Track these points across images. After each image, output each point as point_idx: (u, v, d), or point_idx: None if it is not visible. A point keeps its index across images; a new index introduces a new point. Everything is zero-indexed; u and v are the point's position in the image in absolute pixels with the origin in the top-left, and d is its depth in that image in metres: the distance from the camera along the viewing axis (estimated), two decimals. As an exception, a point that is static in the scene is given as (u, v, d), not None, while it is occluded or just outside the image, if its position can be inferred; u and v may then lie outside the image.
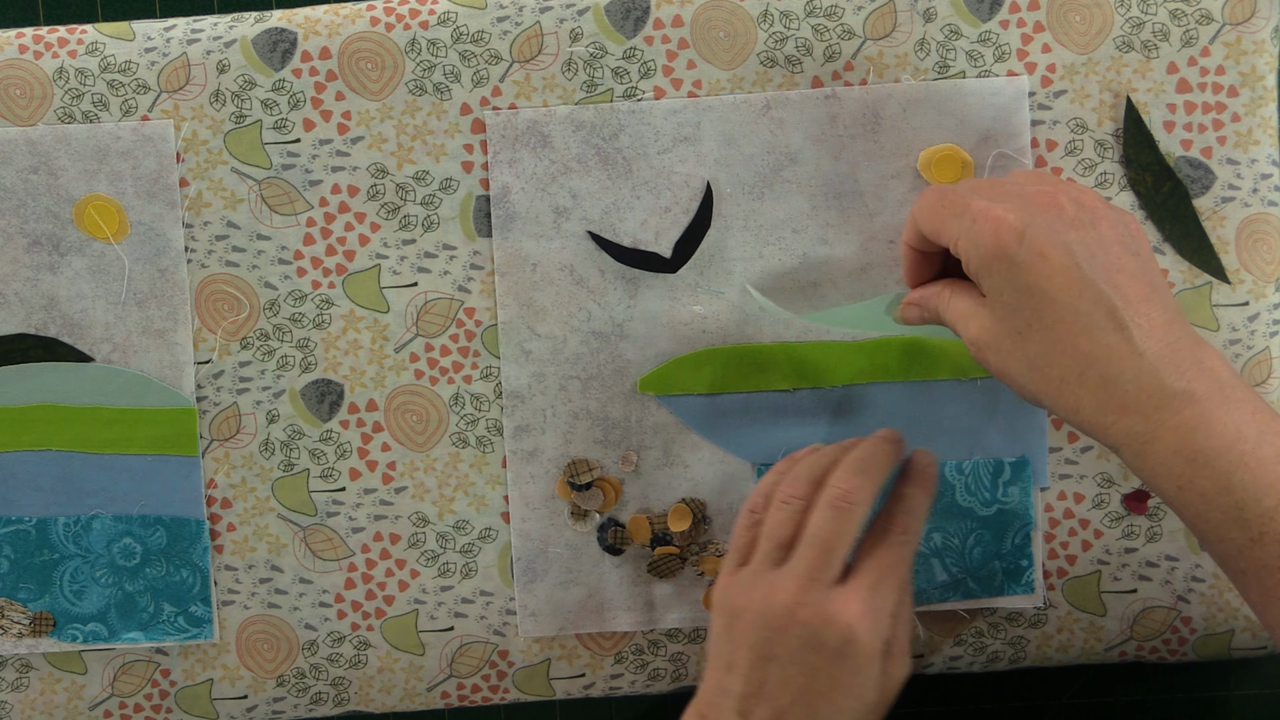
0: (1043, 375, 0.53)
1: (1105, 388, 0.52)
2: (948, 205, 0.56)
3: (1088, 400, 0.53)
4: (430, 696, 0.65)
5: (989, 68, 0.62)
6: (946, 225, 0.55)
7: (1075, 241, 0.53)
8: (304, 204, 0.63)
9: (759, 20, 0.62)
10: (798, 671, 0.56)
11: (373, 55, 0.63)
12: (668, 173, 0.63)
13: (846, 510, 0.56)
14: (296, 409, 0.64)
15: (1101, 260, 0.53)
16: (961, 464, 0.64)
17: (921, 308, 0.59)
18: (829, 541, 0.56)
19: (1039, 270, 0.53)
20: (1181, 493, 0.52)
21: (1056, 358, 0.53)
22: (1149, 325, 0.52)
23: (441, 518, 0.64)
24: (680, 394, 0.63)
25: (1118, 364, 0.52)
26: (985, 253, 0.53)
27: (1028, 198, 0.54)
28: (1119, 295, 0.52)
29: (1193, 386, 0.52)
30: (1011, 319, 0.54)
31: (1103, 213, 0.54)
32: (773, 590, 0.56)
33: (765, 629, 0.56)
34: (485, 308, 0.64)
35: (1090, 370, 0.52)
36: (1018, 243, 0.53)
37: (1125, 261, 0.53)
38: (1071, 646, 0.64)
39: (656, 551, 0.64)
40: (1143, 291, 0.53)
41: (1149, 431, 0.52)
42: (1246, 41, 0.62)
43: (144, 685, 0.65)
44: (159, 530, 0.64)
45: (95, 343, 0.63)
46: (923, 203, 0.57)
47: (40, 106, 0.63)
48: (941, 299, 0.58)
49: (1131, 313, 0.52)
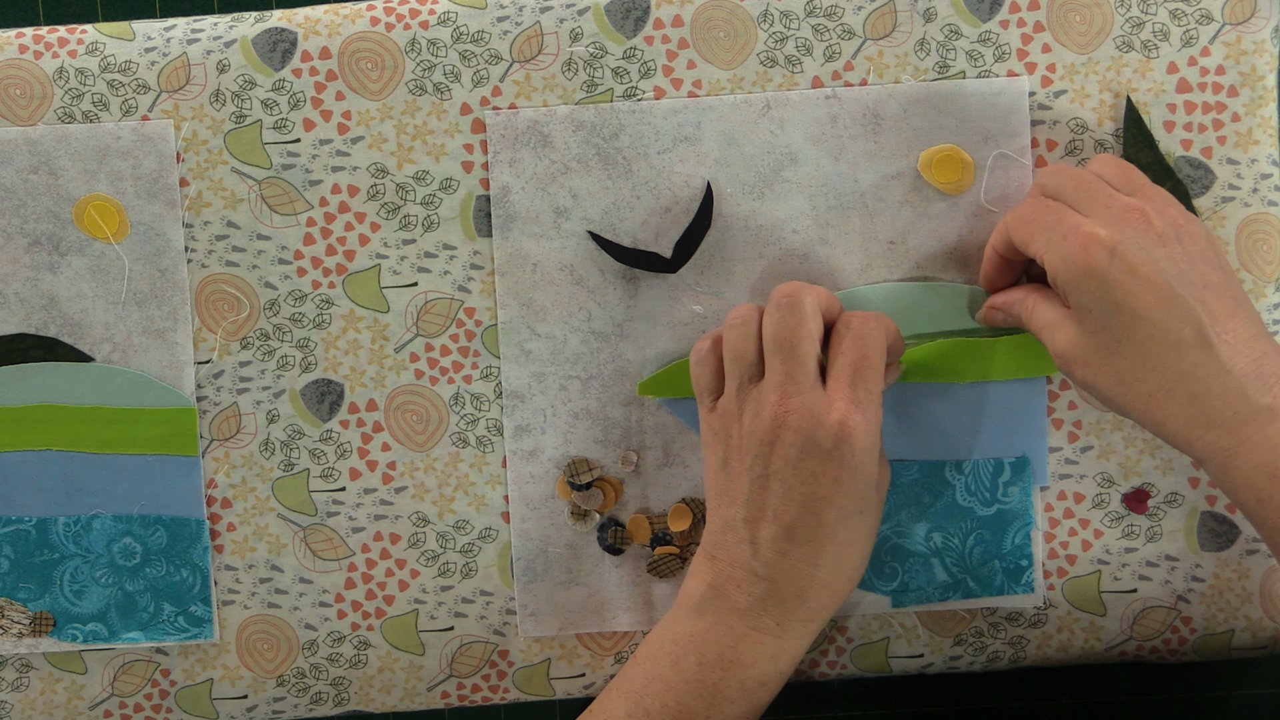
0: (1132, 391, 0.54)
1: (1193, 404, 0.53)
2: (1039, 219, 0.57)
3: (1175, 415, 0.54)
4: (430, 696, 0.65)
5: (989, 68, 0.62)
6: (1035, 238, 0.56)
7: (1164, 258, 0.54)
8: (304, 204, 0.63)
9: (759, 20, 0.62)
10: (798, 481, 0.56)
11: (373, 55, 0.63)
12: (668, 173, 0.63)
13: (794, 303, 0.57)
14: (296, 409, 0.64)
15: (1190, 276, 0.54)
16: (961, 464, 0.64)
17: (1005, 312, 0.60)
18: (791, 339, 0.57)
19: (1129, 288, 0.53)
20: (1261, 506, 0.53)
21: (1146, 374, 0.54)
22: (1235, 341, 0.53)
23: (441, 517, 0.64)
24: (680, 397, 0.63)
25: (1205, 380, 0.53)
26: (1075, 269, 0.54)
27: (1116, 211, 0.55)
28: (1206, 312, 0.53)
29: (1277, 403, 0.53)
30: (1101, 335, 0.54)
31: (1186, 227, 0.55)
32: (758, 407, 0.57)
33: (759, 446, 0.57)
34: (485, 308, 0.64)
35: (1179, 386, 0.53)
36: (1109, 260, 0.54)
37: (1211, 277, 0.54)
38: (1071, 646, 0.64)
39: (656, 551, 0.64)
40: (1229, 307, 0.54)
41: (1234, 446, 0.53)
42: (1246, 41, 0.62)
43: (144, 685, 0.65)
44: (159, 530, 0.64)
45: (95, 343, 0.63)
46: (1018, 213, 0.58)
47: (40, 106, 0.63)
48: (1025, 306, 0.59)
49: (1219, 329, 0.53)
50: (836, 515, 0.57)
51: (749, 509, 0.57)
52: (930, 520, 0.64)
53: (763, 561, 0.57)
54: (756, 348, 0.58)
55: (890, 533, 0.64)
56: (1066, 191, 0.57)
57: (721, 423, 0.59)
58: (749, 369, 0.58)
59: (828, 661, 0.65)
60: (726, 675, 0.57)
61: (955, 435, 0.63)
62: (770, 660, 0.57)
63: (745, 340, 0.58)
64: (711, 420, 0.59)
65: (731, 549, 0.58)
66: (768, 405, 0.57)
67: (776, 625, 0.57)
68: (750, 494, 0.57)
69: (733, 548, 0.58)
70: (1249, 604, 0.64)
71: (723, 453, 0.58)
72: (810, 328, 0.57)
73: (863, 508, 0.57)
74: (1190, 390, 0.53)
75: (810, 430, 0.56)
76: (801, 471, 0.56)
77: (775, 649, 0.57)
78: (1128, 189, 0.57)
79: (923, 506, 0.64)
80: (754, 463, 0.57)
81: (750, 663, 0.57)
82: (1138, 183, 0.58)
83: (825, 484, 0.56)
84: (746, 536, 0.57)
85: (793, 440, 0.56)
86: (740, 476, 0.58)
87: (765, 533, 0.57)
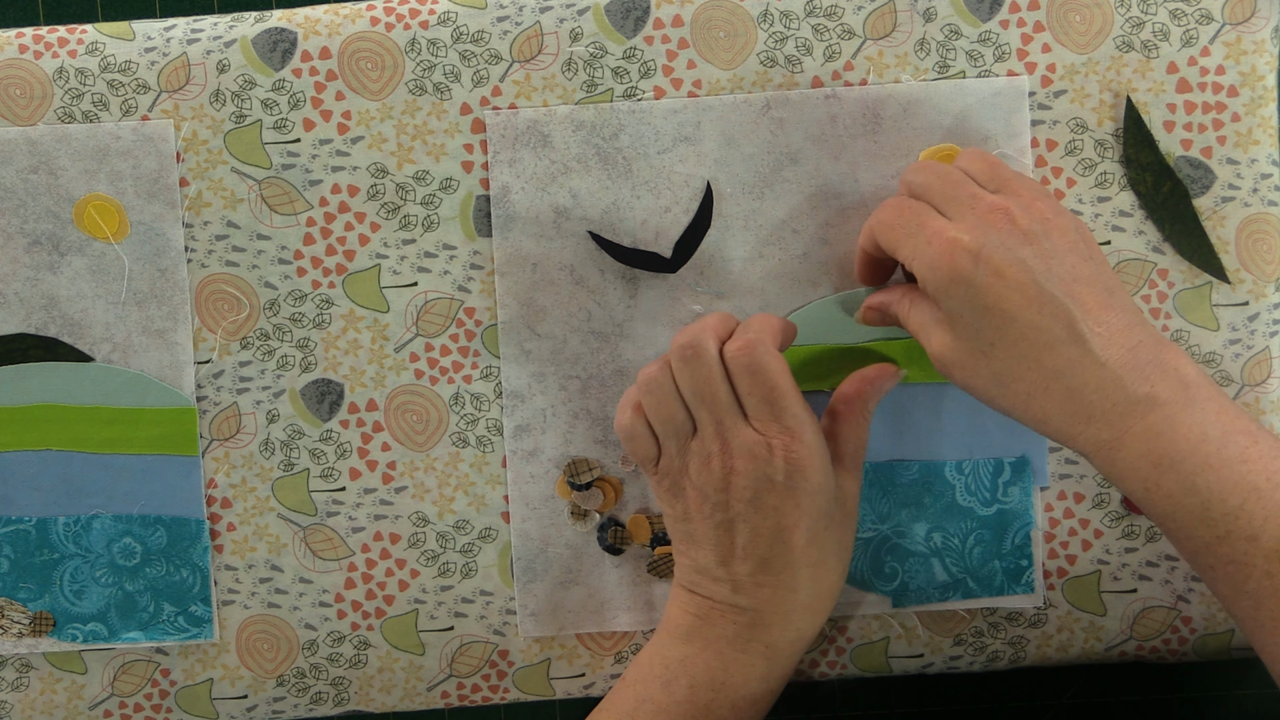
0: (1009, 390, 0.54)
1: (1071, 399, 0.53)
2: (904, 223, 0.56)
3: (1054, 412, 0.53)
4: (430, 696, 0.65)
5: (989, 68, 0.62)
6: (901, 243, 0.56)
7: (1031, 256, 0.53)
8: (304, 204, 0.63)
9: (759, 20, 0.62)
10: (761, 518, 0.57)
11: (373, 55, 0.63)
12: (668, 173, 0.63)
13: (698, 352, 0.57)
14: (296, 409, 0.64)
15: (1058, 272, 0.53)
16: (961, 464, 0.64)
17: (882, 313, 0.60)
18: (708, 390, 0.57)
19: (997, 291, 0.53)
20: (1149, 494, 0.53)
21: (1022, 373, 0.53)
22: (1108, 333, 0.53)
23: (441, 517, 0.64)
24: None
25: (1081, 375, 0.53)
26: (942, 276, 0.54)
27: (980, 213, 0.54)
28: (1078, 306, 0.53)
29: (1156, 391, 0.52)
30: (974, 339, 0.54)
31: (1053, 221, 0.54)
32: (703, 459, 0.57)
33: (715, 495, 0.57)
34: (485, 308, 0.64)
35: (1055, 383, 0.53)
36: (973, 264, 0.53)
37: (1081, 270, 0.54)
38: (1071, 646, 0.64)
39: (656, 551, 0.64)
40: (1100, 298, 0.53)
41: (1116, 438, 0.53)
42: (1246, 41, 0.62)
43: (144, 685, 0.65)
44: (159, 530, 0.64)
45: (95, 343, 0.63)
46: (880, 218, 0.57)
47: (40, 106, 0.63)
48: (901, 308, 0.58)
49: (1091, 322, 0.53)
50: (806, 538, 0.57)
51: (719, 552, 0.58)
52: (930, 520, 0.64)
53: (744, 595, 0.57)
54: (680, 404, 0.58)
55: (890, 533, 0.64)
56: (932, 191, 0.56)
57: (671, 481, 0.59)
58: (681, 426, 0.58)
59: (827, 661, 0.65)
60: (718, 696, 0.57)
61: (955, 435, 0.63)
62: (761, 680, 0.58)
63: (666, 402, 0.58)
64: (661, 482, 0.59)
65: (709, 587, 0.58)
66: (713, 457, 0.57)
67: (765, 649, 0.58)
68: (718, 539, 0.58)
69: (710, 586, 0.58)
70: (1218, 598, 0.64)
71: (681, 508, 0.59)
72: (720, 371, 0.57)
73: (829, 523, 0.58)
74: (1067, 386, 0.53)
75: (760, 469, 0.56)
76: (763, 508, 0.57)
77: (765, 670, 0.58)
78: (994, 185, 0.56)
79: (923, 506, 0.64)
80: (713, 511, 0.57)
81: (741, 683, 0.57)
82: (1004, 177, 0.56)
83: (788, 513, 0.57)
84: (723, 575, 0.58)
85: (745, 484, 0.57)
86: (703, 525, 0.58)
87: (740, 570, 0.57)
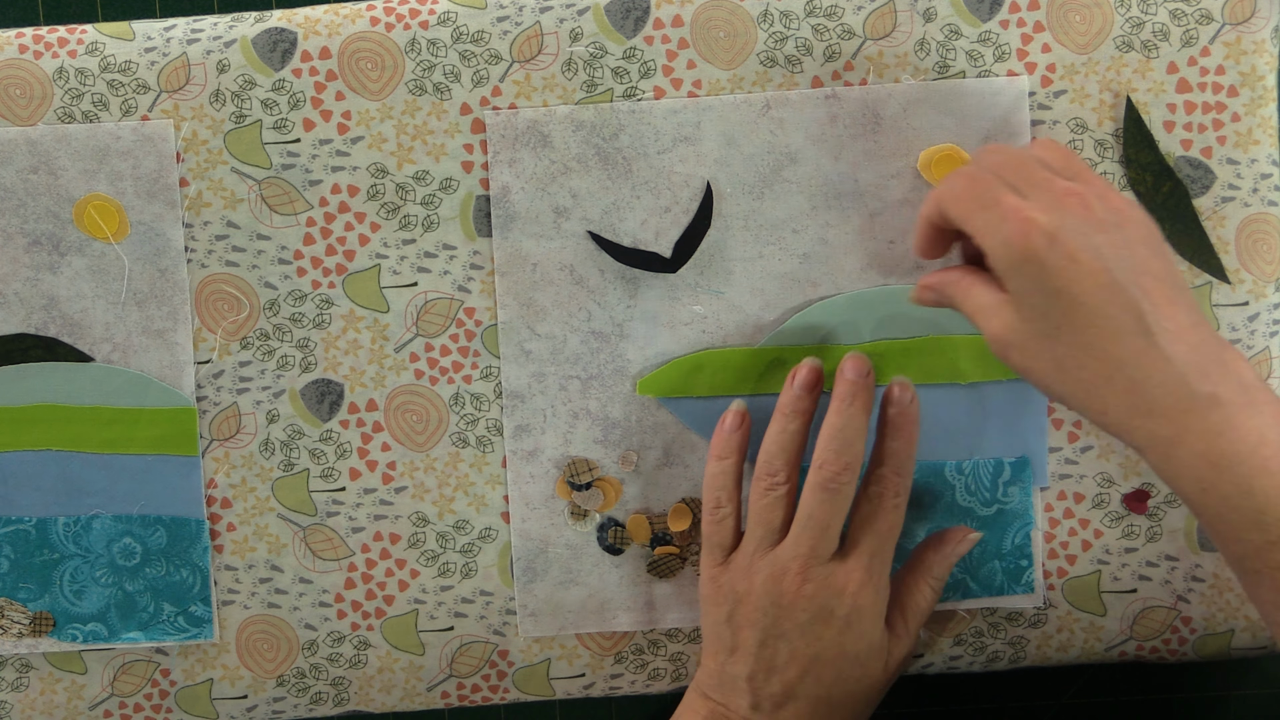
0: (1071, 377, 0.54)
1: (1133, 391, 0.53)
2: (977, 195, 0.55)
3: (1115, 403, 0.53)
4: (430, 696, 0.65)
5: (989, 68, 0.62)
6: (973, 216, 0.55)
7: (1104, 244, 0.53)
8: (304, 204, 0.63)
9: (759, 20, 0.62)
10: (805, 644, 0.58)
11: (373, 55, 0.63)
12: (668, 173, 0.63)
13: (838, 490, 0.58)
14: (296, 409, 0.64)
15: (1130, 263, 0.53)
16: (961, 464, 0.64)
17: (938, 293, 0.58)
18: (825, 520, 0.58)
19: (1069, 274, 0.52)
20: (1204, 495, 0.52)
21: (1085, 361, 0.53)
22: (1176, 329, 0.52)
23: (441, 518, 0.64)
24: (680, 396, 0.63)
25: (1145, 368, 0.52)
26: (1015, 253, 0.53)
27: (1057, 195, 0.54)
28: (1147, 299, 0.53)
29: (1218, 390, 0.52)
30: (1039, 320, 0.53)
31: (1127, 213, 0.54)
32: (777, 573, 0.58)
33: (774, 608, 0.58)
34: (485, 308, 0.64)
35: (1118, 374, 0.53)
36: (1048, 245, 0.53)
37: (1151, 264, 0.53)
38: (1071, 646, 0.64)
39: (656, 551, 0.64)
40: (1168, 294, 0.53)
41: (1174, 435, 0.52)
42: (1246, 41, 0.62)
43: (144, 685, 0.65)
44: (159, 530, 0.64)
45: (95, 343, 0.63)
46: (952, 186, 0.56)
47: (40, 106, 0.63)
48: (960, 289, 0.57)
49: (1159, 316, 0.52)
50: (834, 676, 0.58)
51: (754, 665, 0.59)
52: (930, 520, 0.64)
53: (760, 712, 0.59)
54: (786, 516, 0.59)
55: (890, 533, 0.64)
56: (1007, 169, 0.55)
57: (729, 579, 0.60)
58: (773, 535, 0.59)
59: (828, 661, 0.65)
60: None
61: (955, 435, 0.63)
62: None
63: (775, 510, 0.59)
64: (718, 575, 0.60)
65: (729, 695, 0.59)
66: (789, 574, 0.58)
67: None
68: (758, 651, 0.58)
69: (731, 695, 0.59)
70: (1249, 604, 0.64)
71: (729, 610, 0.59)
72: (846, 510, 0.59)
73: (862, 675, 0.59)
74: (1130, 377, 0.52)
75: (826, 599, 0.58)
76: (811, 636, 0.58)
77: None
78: (1068, 174, 0.56)
79: (923, 506, 0.64)
80: (762, 620, 0.58)
81: None
82: (1078, 168, 0.56)
83: (831, 649, 0.58)
84: (747, 689, 0.59)
85: (806, 606, 0.58)
86: (746, 634, 0.59)
87: (766, 689, 0.58)
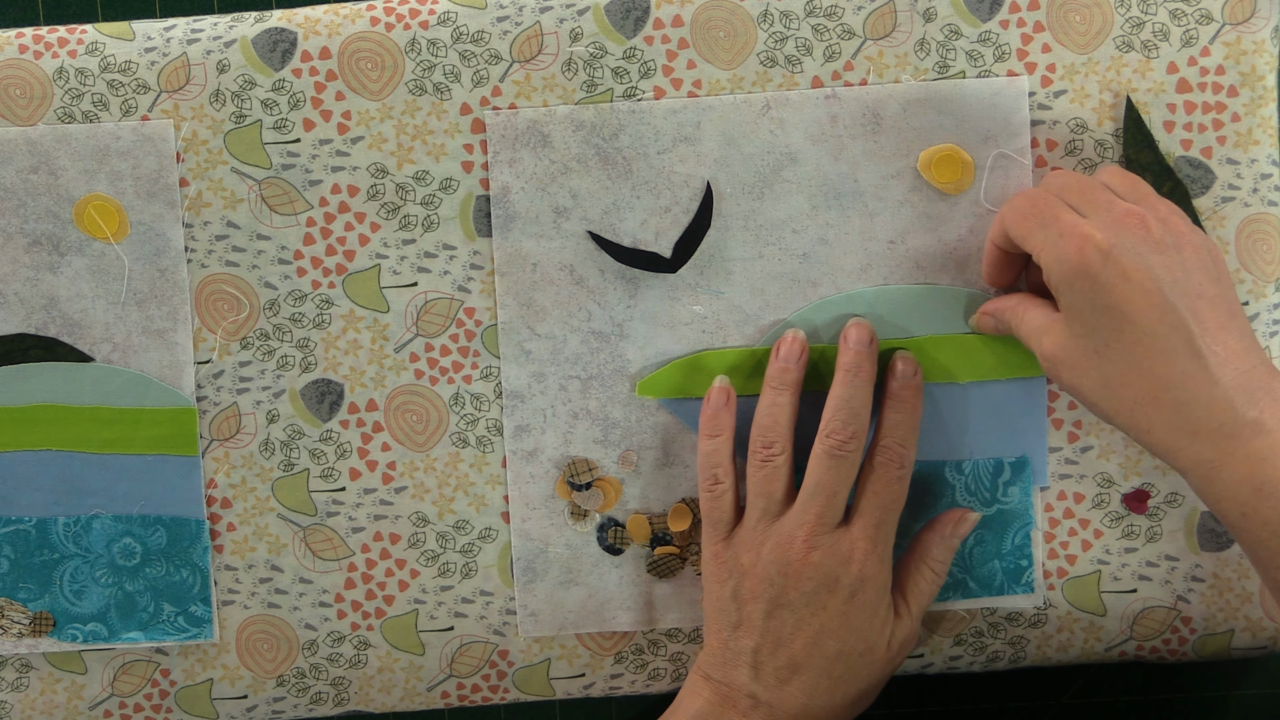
0: (1116, 395, 0.54)
1: (1178, 412, 0.53)
2: (1037, 213, 0.56)
3: (1160, 423, 0.54)
4: (430, 696, 0.65)
5: (989, 68, 0.62)
6: (1032, 234, 0.56)
7: (1159, 265, 0.54)
8: (304, 204, 0.63)
9: (759, 20, 0.62)
10: (811, 613, 0.58)
11: (373, 55, 0.63)
12: (668, 173, 0.63)
13: (845, 458, 0.59)
14: (296, 409, 0.64)
15: (1184, 285, 0.54)
16: (961, 464, 0.64)
17: (996, 319, 0.60)
18: (832, 487, 0.59)
19: (1121, 291, 0.53)
20: (1245, 520, 0.53)
21: (1132, 379, 0.54)
22: (1225, 353, 0.53)
23: (441, 518, 0.64)
24: (680, 397, 0.63)
25: (1192, 390, 0.53)
26: (1069, 269, 0.54)
27: (1116, 215, 0.55)
28: (1198, 322, 0.53)
29: (1264, 417, 0.52)
30: (1089, 337, 0.54)
31: (1187, 236, 0.55)
32: (783, 541, 0.58)
33: (780, 577, 0.58)
34: (485, 308, 0.64)
35: (1165, 394, 0.53)
36: (1102, 262, 0.54)
37: (1206, 288, 0.54)
38: (1071, 646, 0.64)
39: (656, 551, 0.64)
40: (1221, 319, 0.54)
41: (1218, 459, 0.53)
42: (1246, 41, 0.62)
43: (144, 685, 0.65)
44: (159, 530, 0.64)
45: (95, 343, 0.63)
46: (1014, 206, 0.58)
47: (40, 106, 0.63)
48: (1015, 313, 0.59)
49: (1209, 340, 0.53)
50: (837, 649, 0.58)
51: (759, 638, 0.59)
52: (930, 520, 0.64)
53: (764, 686, 0.58)
54: (787, 486, 0.60)
55: (890, 533, 0.64)
56: (1070, 191, 0.57)
57: (733, 553, 0.60)
58: (777, 505, 0.59)
59: (828, 661, 0.65)
60: None
61: (955, 435, 0.63)
62: None
63: (776, 480, 0.59)
64: (721, 552, 0.60)
65: (732, 672, 0.59)
66: (794, 542, 0.58)
67: None
68: (763, 623, 0.58)
69: (733, 671, 0.59)
70: (1249, 604, 0.64)
71: (734, 585, 0.60)
72: (853, 477, 0.59)
73: (866, 649, 0.59)
74: (1176, 399, 0.53)
75: (832, 567, 0.58)
76: (816, 605, 0.58)
77: None
78: (1133, 198, 0.57)
79: (923, 506, 0.64)
80: (768, 591, 0.58)
81: None
82: (1142, 192, 0.58)
83: (835, 619, 0.58)
84: (750, 662, 0.59)
85: (813, 574, 0.58)
86: (752, 607, 0.59)
87: (770, 662, 0.58)
